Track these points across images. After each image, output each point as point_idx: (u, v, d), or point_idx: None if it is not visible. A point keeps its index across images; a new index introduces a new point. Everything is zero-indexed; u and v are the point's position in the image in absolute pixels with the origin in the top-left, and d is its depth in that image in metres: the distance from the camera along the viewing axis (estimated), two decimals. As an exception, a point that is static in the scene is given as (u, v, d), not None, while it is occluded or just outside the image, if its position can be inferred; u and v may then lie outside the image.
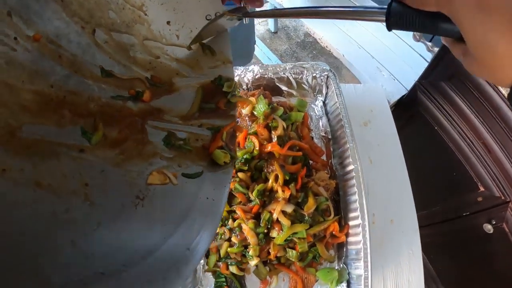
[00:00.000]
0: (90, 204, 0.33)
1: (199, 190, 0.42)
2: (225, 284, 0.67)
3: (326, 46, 1.32)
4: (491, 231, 0.90)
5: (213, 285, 0.68)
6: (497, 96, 0.78)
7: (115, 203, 0.35)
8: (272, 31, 1.67)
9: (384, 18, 0.32)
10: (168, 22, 0.45)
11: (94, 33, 0.38)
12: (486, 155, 0.84)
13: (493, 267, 0.97)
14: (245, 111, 0.73)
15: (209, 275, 0.69)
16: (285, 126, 0.70)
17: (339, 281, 0.66)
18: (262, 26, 1.63)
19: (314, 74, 0.78)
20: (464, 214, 0.96)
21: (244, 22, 0.47)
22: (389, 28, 0.33)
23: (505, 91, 0.79)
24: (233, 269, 0.65)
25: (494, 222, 0.90)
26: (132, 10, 0.42)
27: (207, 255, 0.69)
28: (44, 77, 0.33)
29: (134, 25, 0.42)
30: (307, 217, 0.63)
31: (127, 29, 0.41)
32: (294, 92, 0.81)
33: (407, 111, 0.99)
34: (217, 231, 0.67)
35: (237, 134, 0.58)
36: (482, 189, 0.89)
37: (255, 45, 1.08)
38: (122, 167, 0.38)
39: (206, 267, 0.69)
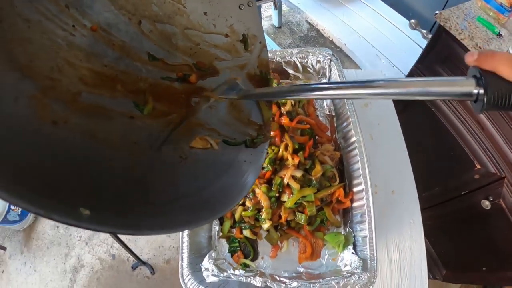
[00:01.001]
0: (136, 158, 0.38)
1: (238, 155, 0.48)
2: (238, 248, 0.72)
3: (329, 36, 1.40)
4: (489, 207, 0.95)
5: (227, 251, 0.73)
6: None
7: (158, 158, 0.41)
8: (276, 26, 1.75)
9: (474, 98, 0.25)
10: (205, 13, 0.49)
11: (140, 23, 0.44)
12: (480, 132, 0.90)
13: (492, 244, 1.01)
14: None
15: (223, 241, 0.74)
16: (293, 102, 0.76)
17: (345, 244, 0.70)
18: (266, 21, 1.72)
19: (318, 58, 0.85)
20: (462, 193, 1.01)
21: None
22: (483, 109, 0.25)
23: None
24: (247, 232, 0.70)
25: (492, 199, 0.95)
26: (172, 3, 0.47)
27: (221, 222, 0.74)
28: (99, 58, 0.39)
29: (175, 17, 0.47)
30: (314, 182, 0.69)
31: (169, 20, 0.47)
32: (300, 75, 0.88)
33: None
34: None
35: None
36: (478, 166, 0.94)
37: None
38: (165, 133, 0.43)
39: (221, 234, 0.74)
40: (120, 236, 1.31)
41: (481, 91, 0.25)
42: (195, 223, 0.36)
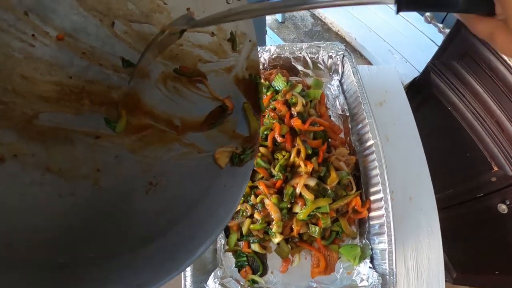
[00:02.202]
0: (99, 189, 0.33)
1: (216, 179, 0.42)
2: (246, 263, 0.66)
3: (338, 31, 1.33)
4: (506, 211, 0.90)
5: (233, 265, 0.67)
6: (510, 74, 0.79)
7: (123, 188, 0.35)
8: (280, 21, 1.68)
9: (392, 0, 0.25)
10: (188, 9, 0.43)
11: (113, 25, 0.38)
12: (500, 133, 0.85)
13: (507, 248, 0.97)
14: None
15: (230, 255, 0.68)
16: (304, 102, 0.69)
17: (362, 257, 0.65)
18: (269, 16, 1.64)
19: (330, 54, 0.78)
20: (478, 195, 0.96)
21: None
22: (400, 9, 0.25)
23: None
24: (255, 247, 0.64)
25: (509, 203, 0.90)
26: (150, 0, 0.41)
27: (227, 235, 0.68)
28: (63, 69, 0.34)
29: (154, 15, 0.41)
30: (330, 191, 0.63)
31: (147, 19, 0.41)
32: (310, 72, 0.81)
33: (420, 93, 1.00)
34: (238, 208, 0.66)
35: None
36: (496, 168, 0.89)
37: (266, 35, 1.08)
38: (138, 153, 0.38)
39: (227, 247, 0.68)
40: None
41: None
42: (150, 283, 0.29)
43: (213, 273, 0.61)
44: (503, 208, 0.90)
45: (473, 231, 1.04)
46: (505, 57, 0.76)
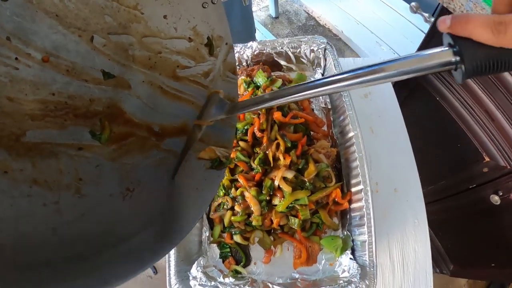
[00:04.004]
0: (80, 197, 0.36)
1: (191, 181, 0.45)
2: (230, 254, 0.68)
3: (325, 24, 1.33)
4: (498, 202, 0.89)
5: (218, 256, 0.68)
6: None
7: (103, 195, 0.38)
8: (273, 16, 1.68)
9: (454, 66, 0.24)
10: (165, 16, 0.44)
11: (92, 39, 0.39)
12: (490, 123, 0.83)
13: (501, 240, 0.96)
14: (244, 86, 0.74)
15: (214, 246, 0.70)
16: (284, 96, 0.70)
17: (343, 249, 0.66)
18: (262, 12, 1.65)
19: (312, 48, 0.78)
20: (470, 187, 0.95)
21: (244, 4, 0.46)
22: (465, 77, 0.24)
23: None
24: (237, 238, 0.66)
25: (501, 193, 0.89)
26: (127, 11, 0.41)
27: (211, 227, 0.70)
28: (46, 87, 0.35)
29: (131, 25, 0.42)
30: (308, 183, 0.63)
31: (124, 29, 0.42)
32: (293, 67, 0.82)
33: (408, 84, 0.99)
34: (220, 201, 0.67)
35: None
36: (487, 159, 0.88)
37: (256, 30, 1.09)
38: (117, 161, 0.40)
39: (211, 239, 0.69)
40: None
41: (459, 59, 0.23)
42: (126, 275, 0.32)
43: (196, 262, 0.63)
44: (495, 199, 0.89)
45: (468, 223, 1.03)
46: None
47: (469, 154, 0.91)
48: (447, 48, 0.24)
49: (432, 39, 0.87)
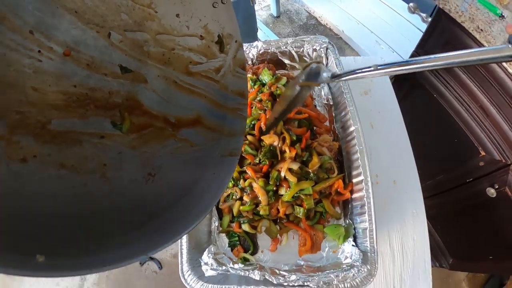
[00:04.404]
0: (105, 180, 0.38)
1: (208, 167, 0.47)
2: (238, 243, 0.71)
3: (326, 24, 1.37)
4: (494, 195, 0.93)
5: (227, 245, 0.72)
6: (492, 60, 0.82)
7: (126, 179, 0.40)
8: (275, 15, 1.72)
9: None
10: (177, 15, 0.47)
11: (109, 36, 0.41)
12: (485, 118, 0.87)
13: (499, 232, 0.99)
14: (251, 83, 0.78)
15: (223, 236, 0.73)
16: (288, 93, 0.74)
17: (346, 237, 0.69)
18: (264, 11, 1.68)
19: (314, 47, 0.82)
20: (467, 180, 0.98)
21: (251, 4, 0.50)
22: None
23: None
24: (245, 227, 0.70)
25: (497, 187, 0.93)
26: (142, 9, 0.44)
27: (220, 217, 0.74)
28: (68, 79, 0.38)
29: (146, 23, 0.44)
30: (312, 174, 0.67)
31: (139, 27, 0.44)
32: (297, 65, 0.86)
33: (407, 82, 1.03)
34: (229, 191, 0.71)
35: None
36: (483, 153, 0.92)
37: (258, 29, 1.13)
38: (138, 149, 0.43)
39: (220, 229, 0.73)
40: None
41: None
42: (153, 249, 0.35)
43: (207, 249, 0.67)
44: (491, 192, 0.92)
45: (465, 216, 1.07)
46: (486, 44, 0.79)
47: (466, 149, 0.95)
48: None
49: (429, 38, 0.91)
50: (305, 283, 0.62)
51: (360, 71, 0.46)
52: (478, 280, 1.37)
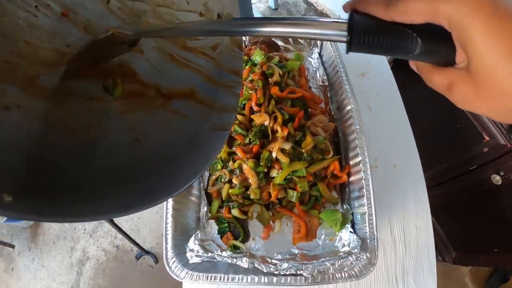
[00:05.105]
0: (88, 140, 0.39)
1: (197, 137, 0.48)
2: (228, 229, 0.67)
3: (322, 9, 1.34)
4: (500, 182, 0.88)
5: (216, 232, 0.68)
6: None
7: (111, 141, 0.41)
8: (273, 8, 1.69)
9: (344, 38, 0.23)
10: None
11: (108, 1, 0.41)
12: (488, 101, 0.83)
13: (504, 223, 0.94)
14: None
15: (212, 223, 0.69)
16: (281, 73, 0.70)
17: (343, 223, 0.65)
18: (262, 3, 1.66)
19: (309, 27, 0.79)
20: (471, 168, 0.94)
21: None
22: (350, 49, 0.24)
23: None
24: (235, 212, 0.65)
25: (502, 173, 0.88)
26: None
27: (209, 202, 0.69)
28: (61, 38, 0.37)
29: None
30: (305, 155, 0.63)
31: None
32: (291, 47, 0.82)
33: (406, 67, 0.99)
34: (218, 174, 0.67)
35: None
36: (487, 138, 0.87)
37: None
38: (125, 115, 0.43)
39: (209, 215, 0.69)
40: (122, 226, 1.31)
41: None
42: (126, 209, 0.35)
43: (193, 235, 0.62)
44: (497, 179, 0.88)
45: (469, 207, 1.02)
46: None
47: (469, 134, 0.90)
48: (345, 20, 0.24)
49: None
50: (298, 272, 0.58)
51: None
52: (481, 275, 1.32)
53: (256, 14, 1.48)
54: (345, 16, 0.26)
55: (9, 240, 1.66)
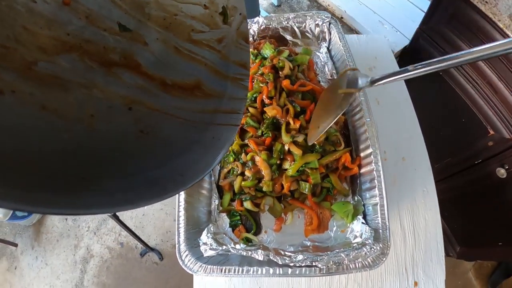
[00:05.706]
0: (92, 131, 0.37)
1: (205, 131, 0.46)
2: (240, 222, 0.67)
3: (328, 5, 1.35)
4: (505, 176, 0.89)
5: (228, 225, 0.68)
6: (498, 33, 0.79)
7: (117, 132, 0.39)
8: (276, 4, 1.69)
9: None
10: None
11: None
12: (493, 95, 0.84)
13: (509, 216, 0.95)
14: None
15: (224, 216, 0.69)
16: (291, 66, 0.71)
17: (355, 214, 0.66)
18: (265, 0, 1.67)
19: (317, 22, 0.80)
20: (476, 162, 0.95)
21: None
22: None
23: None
24: (247, 204, 0.66)
25: (507, 167, 0.89)
26: None
27: (221, 196, 0.70)
28: (61, 26, 0.36)
29: None
30: (317, 146, 0.64)
31: None
32: (299, 42, 0.83)
33: (412, 61, 1.00)
34: (230, 167, 0.67)
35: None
36: (492, 132, 0.88)
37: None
38: (130, 105, 0.41)
39: (221, 208, 0.69)
40: (126, 223, 1.31)
41: None
42: (135, 202, 0.34)
43: (206, 229, 0.62)
44: (502, 172, 0.89)
45: (474, 201, 1.03)
46: (491, 16, 0.76)
47: (474, 128, 0.92)
48: None
49: (434, 13, 0.89)
50: (313, 263, 0.58)
51: (397, 73, 0.50)
52: (485, 271, 1.33)
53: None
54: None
55: (12, 238, 1.65)
